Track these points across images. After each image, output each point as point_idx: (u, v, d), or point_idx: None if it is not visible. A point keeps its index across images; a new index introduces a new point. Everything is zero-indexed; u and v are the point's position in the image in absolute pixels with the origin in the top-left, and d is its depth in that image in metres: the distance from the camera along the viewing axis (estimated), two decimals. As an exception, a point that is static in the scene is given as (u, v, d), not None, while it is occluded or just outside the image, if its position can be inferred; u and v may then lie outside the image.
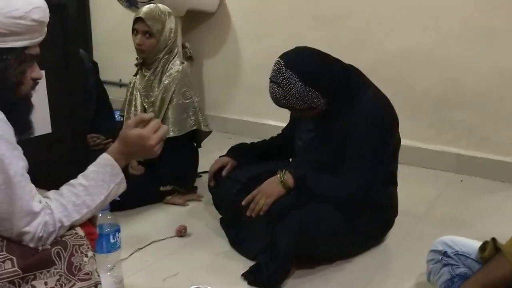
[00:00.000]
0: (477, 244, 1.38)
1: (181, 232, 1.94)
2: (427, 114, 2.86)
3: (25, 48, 1.08)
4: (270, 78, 1.64)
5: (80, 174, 1.17)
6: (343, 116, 1.65)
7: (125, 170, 1.24)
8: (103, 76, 2.83)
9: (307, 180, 1.62)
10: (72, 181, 1.16)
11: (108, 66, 3.37)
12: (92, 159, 1.21)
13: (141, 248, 1.83)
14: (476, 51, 2.65)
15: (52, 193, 1.12)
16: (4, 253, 1.02)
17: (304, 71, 1.57)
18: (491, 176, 2.67)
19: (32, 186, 1.06)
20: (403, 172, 1.96)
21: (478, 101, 2.70)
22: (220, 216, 2.06)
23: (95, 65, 2.71)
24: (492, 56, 2.61)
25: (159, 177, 2.23)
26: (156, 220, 2.11)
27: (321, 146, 1.72)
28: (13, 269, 1.01)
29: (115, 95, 3.04)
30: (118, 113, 2.77)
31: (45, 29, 1.13)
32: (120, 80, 4.17)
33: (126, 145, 1.22)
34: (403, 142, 1.84)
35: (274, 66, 1.62)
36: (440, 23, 2.72)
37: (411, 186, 2.45)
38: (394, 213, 1.87)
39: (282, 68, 1.58)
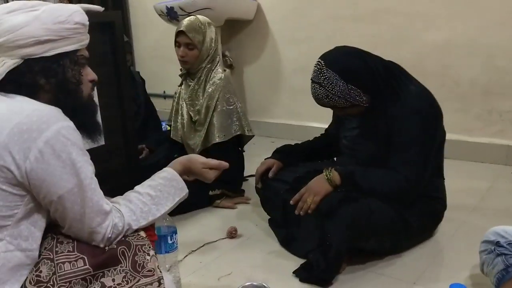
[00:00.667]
0: (531, 233, 1.37)
1: (232, 234, 2.00)
2: (474, 105, 2.82)
3: (76, 51, 1.14)
4: (311, 79, 1.68)
5: (147, 184, 1.26)
6: (386, 111, 1.66)
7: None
8: (148, 89, 2.97)
9: (354, 176, 1.64)
10: (139, 189, 1.24)
11: (152, 79, 3.51)
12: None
13: (195, 250, 1.90)
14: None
15: (120, 199, 1.20)
16: (76, 252, 1.10)
17: (345, 69, 1.61)
18: (543, 167, 2.60)
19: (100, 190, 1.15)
20: (451, 167, 1.95)
21: (525, 90, 2.64)
22: (269, 217, 2.10)
23: (143, 80, 2.87)
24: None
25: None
26: (207, 223, 2.18)
27: (367, 142, 1.74)
28: (85, 267, 1.09)
29: (160, 107, 3.17)
30: (165, 123, 2.91)
31: (87, 33, 1.18)
32: (164, 92, 4.32)
33: (189, 171, 1.38)
34: (450, 136, 1.83)
35: (315, 66, 1.66)
36: (481, 11, 2.68)
37: (460, 180, 2.42)
38: (444, 206, 1.86)
39: (323, 68, 1.62)
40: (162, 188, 1.25)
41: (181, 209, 2.21)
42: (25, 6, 1.09)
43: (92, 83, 1.22)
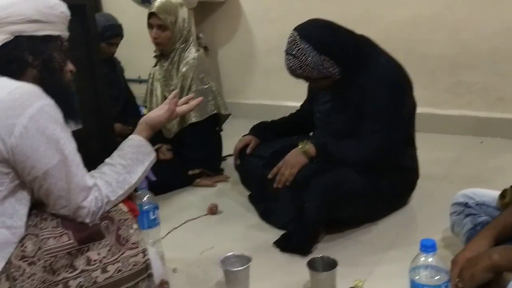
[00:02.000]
0: (497, 193, 1.44)
1: (213, 210, 2.04)
2: (442, 79, 2.90)
3: (60, 38, 1.20)
4: (285, 51, 1.71)
5: (116, 154, 1.28)
6: (357, 82, 1.71)
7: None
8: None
9: (327, 146, 1.70)
10: (109, 161, 1.26)
11: (127, 64, 3.48)
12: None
13: (177, 227, 1.94)
14: (484, 11, 2.67)
15: (95, 173, 1.22)
16: (60, 228, 1.12)
17: (318, 40, 1.65)
18: (510, 135, 2.70)
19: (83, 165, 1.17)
20: (422, 139, 2.01)
21: (490, 62, 2.73)
22: (248, 193, 2.15)
23: (122, 69, 2.96)
24: (500, 15, 2.64)
25: (187, 161, 2.34)
26: (188, 202, 2.21)
27: (339, 114, 1.79)
28: (70, 241, 1.11)
29: (136, 92, 3.16)
30: (142, 107, 2.93)
31: (66, 28, 1.24)
32: (139, 77, 4.28)
33: (152, 128, 1.35)
34: (420, 109, 1.89)
35: (289, 38, 1.70)
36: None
37: (431, 152, 2.49)
38: (416, 175, 1.93)
39: (296, 39, 1.66)
40: (131, 156, 1.27)
41: (162, 189, 2.25)
42: None
43: (70, 73, 1.26)
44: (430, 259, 1.06)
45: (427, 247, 1.05)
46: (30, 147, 1.05)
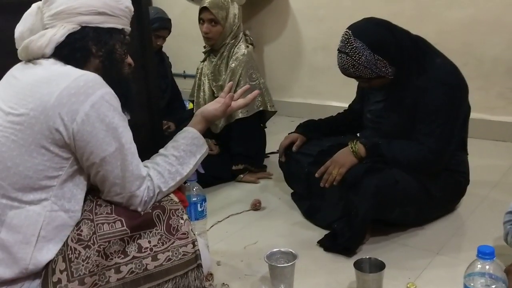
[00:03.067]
0: (555, 203, 1.38)
1: (256, 206, 2.05)
2: (496, 84, 2.80)
3: (124, 32, 1.24)
4: (338, 49, 1.69)
5: (170, 145, 1.30)
6: (412, 83, 1.68)
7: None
8: (169, 69, 3.02)
9: (378, 147, 1.67)
10: (163, 152, 1.28)
11: (172, 59, 3.54)
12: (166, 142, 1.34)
13: (221, 221, 1.96)
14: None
15: (148, 163, 1.25)
16: (114, 215, 1.15)
17: (372, 39, 1.62)
18: None
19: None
20: (473, 145, 1.96)
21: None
22: (291, 191, 2.14)
23: (170, 64, 3.02)
24: None
25: (231, 156, 2.35)
26: (231, 196, 2.23)
27: (392, 115, 1.76)
28: (123, 228, 1.14)
29: (181, 86, 3.21)
30: (186, 101, 2.98)
31: (129, 22, 1.28)
32: (184, 72, 4.35)
33: (207, 121, 1.38)
34: (472, 114, 1.84)
35: (342, 36, 1.68)
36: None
37: (483, 159, 2.42)
38: (467, 180, 1.88)
39: (350, 38, 1.64)
40: (185, 148, 1.29)
41: (205, 184, 2.27)
42: None
43: (129, 66, 1.31)
44: (487, 267, 1.02)
45: (485, 253, 1.02)
46: (90, 134, 1.08)
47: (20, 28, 1.20)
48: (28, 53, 1.17)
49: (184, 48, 4.12)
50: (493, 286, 1.02)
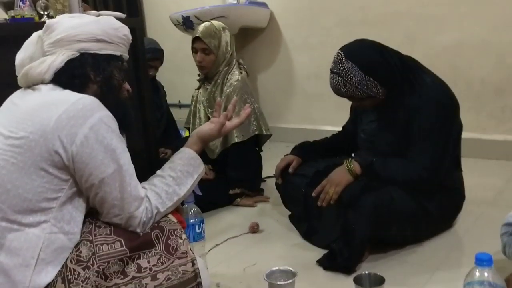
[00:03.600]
0: (550, 213, 1.40)
1: (254, 229, 2.05)
2: (486, 104, 2.85)
3: (122, 59, 1.28)
4: (330, 69, 1.73)
5: (167, 166, 1.32)
6: (404, 103, 1.71)
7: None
8: (165, 99, 3.06)
9: (373, 165, 1.69)
10: (160, 173, 1.30)
11: (168, 89, 3.59)
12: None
13: (219, 244, 1.95)
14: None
15: (145, 184, 1.26)
16: (113, 236, 1.16)
17: (363, 61, 1.66)
18: (558, 161, 2.62)
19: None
20: (467, 165, 1.97)
21: (537, 86, 2.67)
22: (289, 213, 2.15)
23: (165, 93, 3.05)
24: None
25: (228, 181, 2.36)
26: (229, 220, 2.23)
27: (385, 134, 1.78)
28: (122, 248, 1.14)
29: (176, 116, 3.25)
30: (182, 130, 3.02)
31: (127, 50, 1.32)
32: (179, 101, 4.40)
33: (203, 141, 1.39)
34: (464, 134, 1.87)
35: (335, 57, 1.72)
36: (490, 11, 2.74)
37: (477, 178, 2.44)
38: (462, 196, 1.89)
39: (342, 59, 1.68)
40: (181, 168, 1.30)
41: (202, 208, 2.26)
42: (86, 15, 1.28)
43: (127, 92, 1.34)
44: (486, 274, 1.03)
45: (483, 260, 1.03)
46: (89, 155, 1.10)
47: (20, 56, 1.24)
48: (27, 79, 1.20)
49: (179, 79, 4.19)
50: (493, 293, 1.02)
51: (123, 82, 1.30)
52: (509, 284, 1.15)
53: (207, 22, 2.46)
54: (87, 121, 1.10)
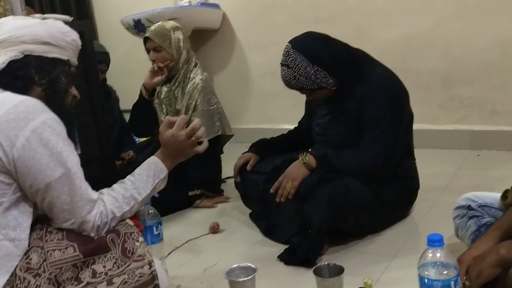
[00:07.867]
0: (499, 195, 1.45)
1: (215, 229, 2.03)
2: (436, 95, 2.94)
3: (69, 63, 1.24)
4: (280, 62, 1.75)
5: (131, 173, 1.29)
6: (355, 93, 1.74)
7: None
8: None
9: (328, 156, 1.71)
10: (122, 179, 1.28)
11: (122, 95, 3.53)
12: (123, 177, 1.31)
13: (179, 247, 1.92)
14: (474, 26, 2.75)
15: (104, 190, 1.23)
16: (66, 241, 1.12)
17: (310, 51, 1.69)
18: (506, 147, 2.73)
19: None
20: (419, 155, 2.02)
21: (483, 76, 2.78)
22: (249, 211, 2.14)
23: (117, 99, 3.00)
24: (491, 29, 2.71)
25: (188, 181, 2.33)
26: (189, 222, 2.20)
27: (338, 126, 1.81)
28: (76, 253, 1.10)
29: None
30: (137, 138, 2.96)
31: (76, 55, 1.29)
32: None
33: (165, 147, 1.35)
34: (416, 126, 1.92)
35: (284, 50, 1.74)
36: (436, 4, 2.83)
37: (430, 167, 2.49)
38: (417, 185, 1.94)
39: (290, 51, 1.70)
40: (140, 172, 1.28)
41: (162, 211, 2.21)
42: (31, 18, 1.24)
43: (73, 98, 1.30)
44: (438, 254, 1.05)
45: (434, 241, 1.05)
46: (32, 159, 1.06)
47: None
48: None
49: (132, 84, 4.08)
50: (445, 272, 1.05)
51: (69, 86, 1.27)
52: (461, 263, 1.18)
53: (158, 23, 2.43)
54: (29, 124, 1.06)
